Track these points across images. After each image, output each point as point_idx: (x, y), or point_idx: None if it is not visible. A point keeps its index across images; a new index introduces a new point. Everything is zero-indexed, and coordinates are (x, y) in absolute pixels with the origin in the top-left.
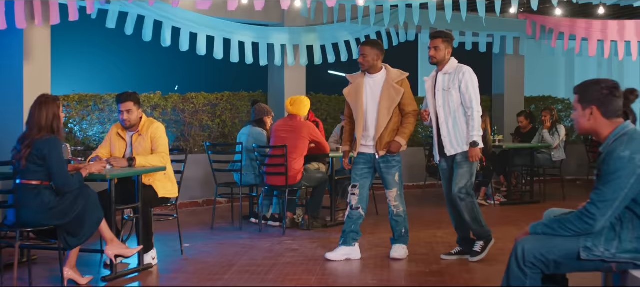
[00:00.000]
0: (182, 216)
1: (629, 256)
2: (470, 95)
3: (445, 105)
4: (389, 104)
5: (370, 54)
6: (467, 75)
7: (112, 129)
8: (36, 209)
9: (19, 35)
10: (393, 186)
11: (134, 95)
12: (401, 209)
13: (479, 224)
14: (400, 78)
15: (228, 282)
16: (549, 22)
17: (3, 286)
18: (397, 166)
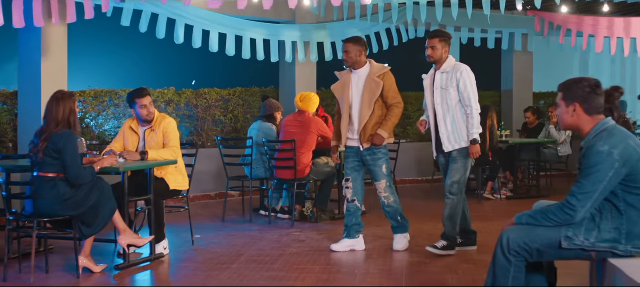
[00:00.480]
0: (194, 208)
1: (607, 245)
2: (468, 94)
3: (443, 103)
4: (370, 97)
5: (353, 50)
6: (464, 74)
7: (125, 123)
8: (52, 200)
9: (37, 33)
10: (381, 177)
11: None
12: (392, 199)
13: (453, 224)
14: (382, 72)
15: (236, 272)
16: (556, 19)
17: (21, 274)
18: (384, 157)
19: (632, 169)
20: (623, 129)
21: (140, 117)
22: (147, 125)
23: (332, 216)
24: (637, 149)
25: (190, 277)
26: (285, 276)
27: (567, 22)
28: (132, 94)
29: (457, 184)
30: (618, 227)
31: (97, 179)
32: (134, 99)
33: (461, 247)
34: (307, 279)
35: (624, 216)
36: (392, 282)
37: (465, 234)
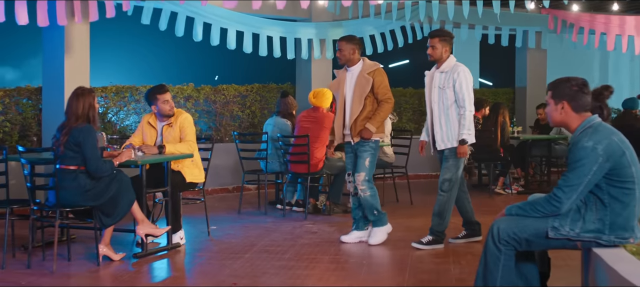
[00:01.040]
0: (212, 201)
1: (591, 235)
2: (463, 95)
3: (439, 102)
4: (360, 93)
5: (346, 48)
6: (461, 75)
7: (143, 118)
8: (74, 191)
9: (60, 32)
10: (362, 169)
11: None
12: (368, 193)
13: (440, 220)
14: (372, 69)
15: (248, 261)
16: (569, 17)
17: (44, 261)
18: (370, 151)
19: (615, 164)
20: (608, 126)
21: (162, 113)
22: (165, 121)
23: (345, 209)
24: (621, 144)
25: (204, 266)
26: (294, 265)
27: (579, 20)
28: (152, 91)
29: (448, 181)
30: (602, 218)
31: (116, 172)
32: (155, 95)
33: (466, 238)
34: (315, 268)
35: (608, 207)
36: (397, 272)
37: (469, 226)
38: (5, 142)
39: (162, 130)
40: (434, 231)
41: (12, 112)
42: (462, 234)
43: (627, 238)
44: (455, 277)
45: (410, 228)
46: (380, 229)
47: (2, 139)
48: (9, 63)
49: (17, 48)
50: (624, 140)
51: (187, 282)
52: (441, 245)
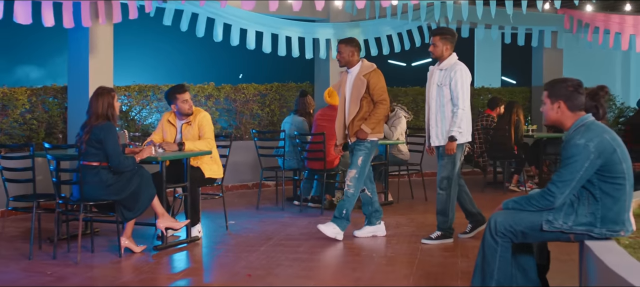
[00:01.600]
0: (231, 197)
1: (583, 228)
2: (457, 93)
3: (437, 99)
4: (356, 94)
5: (345, 50)
6: (458, 73)
7: (163, 117)
8: (96, 186)
9: (85, 33)
10: (353, 167)
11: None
12: (352, 190)
13: (445, 216)
14: (368, 70)
15: (263, 253)
16: (584, 17)
17: (69, 253)
18: (365, 151)
19: (606, 160)
20: (600, 124)
21: (182, 111)
22: (184, 119)
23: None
24: (612, 142)
25: (221, 258)
26: (308, 257)
27: (594, 20)
28: (172, 91)
29: (446, 179)
30: (593, 212)
31: (138, 168)
32: (174, 95)
33: (473, 231)
34: (328, 260)
35: (599, 202)
36: (406, 265)
37: (471, 217)
38: (32, 139)
39: (182, 128)
40: (441, 228)
41: (38, 110)
42: (469, 227)
43: (617, 231)
44: (461, 270)
45: (423, 224)
46: (334, 226)
47: (29, 136)
48: (34, 62)
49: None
50: (616, 138)
51: (204, 273)
52: (450, 239)
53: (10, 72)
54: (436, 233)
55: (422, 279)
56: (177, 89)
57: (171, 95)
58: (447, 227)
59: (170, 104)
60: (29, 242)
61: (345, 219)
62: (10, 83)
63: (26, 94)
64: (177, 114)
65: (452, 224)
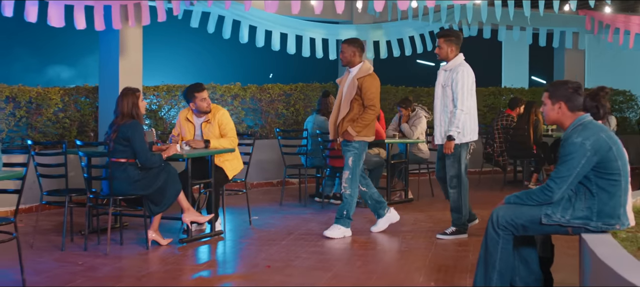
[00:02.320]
0: (256, 194)
1: (580, 221)
2: (457, 94)
3: (442, 99)
4: (348, 96)
5: (347, 50)
6: (459, 74)
7: (180, 115)
8: (124, 182)
9: (115, 35)
10: (346, 168)
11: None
12: (348, 191)
13: (458, 212)
14: (363, 74)
15: (283, 247)
16: (605, 18)
17: (99, 245)
18: (353, 151)
19: (602, 158)
20: (597, 123)
21: (200, 109)
22: (202, 116)
23: None
24: (608, 140)
25: (243, 250)
26: (326, 251)
27: (615, 21)
28: (190, 89)
29: (455, 178)
30: (590, 207)
31: (165, 164)
32: (193, 94)
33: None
34: (345, 253)
35: (596, 197)
36: (419, 258)
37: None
38: (65, 137)
39: (202, 126)
40: (455, 224)
41: (71, 110)
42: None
43: (613, 225)
44: (471, 264)
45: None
46: (339, 227)
47: (62, 134)
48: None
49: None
50: (612, 136)
51: (226, 265)
52: (465, 235)
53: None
54: (451, 229)
55: (433, 272)
56: (195, 88)
57: (189, 94)
58: (461, 223)
59: (188, 102)
60: (62, 234)
61: (346, 218)
62: (43, 82)
63: (59, 94)
64: (195, 111)
65: (466, 220)
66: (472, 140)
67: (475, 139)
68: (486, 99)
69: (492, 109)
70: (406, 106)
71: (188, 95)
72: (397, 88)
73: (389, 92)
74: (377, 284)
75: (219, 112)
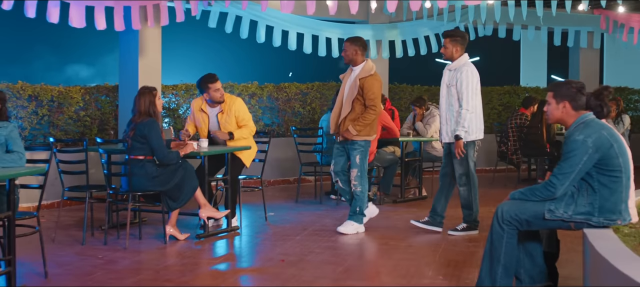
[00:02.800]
0: (273, 191)
1: (582, 217)
2: (462, 93)
3: (447, 98)
4: (350, 96)
5: (349, 49)
6: (464, 74)
7: (193, 105)
8: (142, 178)
9: (135, 35)
10: (354, 166)
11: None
12: (359, 188)
13: (469, 209)
14: (365, 74)
15: (297, 242)
16: (619, 18)
17: (119, 239)
18: (359, 149)
19: (603, 155)
20: (599, 122)
21: (214, 100)
22: (217, 107)
23: (395, 199)
24: (610, 138)
25: (258, 245)
26: (339, 245)
27: (629, 20)
28: (204, 80)
29: (464, 175)
30: (592, 202)
31: (182, 161)
32: (206, 84)
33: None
34: (358, 248)
35: (597, 193)
36: (430, 253)
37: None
38: (86, 134)
39: (217, 118)
40: (466, 220)
41: (92, 108)
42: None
43: (614, 220)
44: (480, 258)
45: (453, 217)
46: (352, 223)
47: (83, 132)
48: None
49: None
50: (614, 134)
51: (242, 259)
52: (476, 231)
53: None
54: (462, 225)
55: (442, 267)
56: (209, 78)
57: (203, 85)
58: (472, 219)
59: (201, 93)
60: (82, 229)
61: (359, 214)
62: (63, 81)
63: (80, 93)
64: (209, 101)
65: (477, 217)
66: (478, 139)
67: (481, 138)
68: (502, 97)
69: (507, 107)
70: (420, 105)
71: (201, 85)
72: (412, 87)
73: (405, 91)
74: (387, 278)
75: (234, 104)
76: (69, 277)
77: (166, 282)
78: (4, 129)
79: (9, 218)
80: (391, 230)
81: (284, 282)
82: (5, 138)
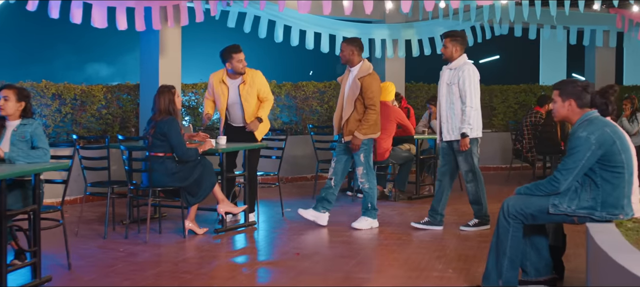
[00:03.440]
0: (290, 188)
1: (585, 211)
2: (466, 91)
3: (447, 96)
4: (351, 96)
5: (346, 49)
6: (466, 72)
7: (213, 78)
8: (162, 174)
9: (155, 35)
10: (359, 164)
11: None
12: (367, 185)
13: (478, 204)
14: (363, 74)
15: (312, 235)
16: (635, 16)
17: (139, 234)
18: (363, 148)
19: (606, 151)
20: (603, 119)
21: (236, 70)
22: (238, 78)
23: (410, 196)
24: (612, 135)
25: (275, 239)
26: (353, 240)
27: None
28: (228, 50)
29: (470, 172)
30: (595, 197)
31: (201, 158)
32: (230, 54)
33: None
34: (371, 242)
35: (600, 188)
36: (441, 247)
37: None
38: (108, 132)
39: (239, 88)
40: (477, 215)
41: (113, 106)
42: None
43: (617, 215)
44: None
45: (467, 213)
46: (366, 219)
47: (105, 129)
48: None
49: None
50: (617, 131)
51: (258, 252)
52: (487, 226)
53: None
54: (474, 220)
55: (453, 261)
56: (234, 48)
57: (227, 54)
58: (482, 214)
59: (224, 63)
60: (104, 223)
61: (372, 209)
62: (82, 80)
63: (102, 91)
64: (230, 72)
65: (487, 211)
66: (479, 136)
67: (481, 136)
68: (518, 96)
69: (523, 106)
70: (435, 103)
71: (225, 55)
72: (429, 85)
73: (421, 89)
74: (398, 270)
75: (257, 76)
76: (92, 268)
77: (185, 274)
78: (29, 126)
79: (35, 211)
80: (405, 226)
81: (299, 274)
82: (30, 135)
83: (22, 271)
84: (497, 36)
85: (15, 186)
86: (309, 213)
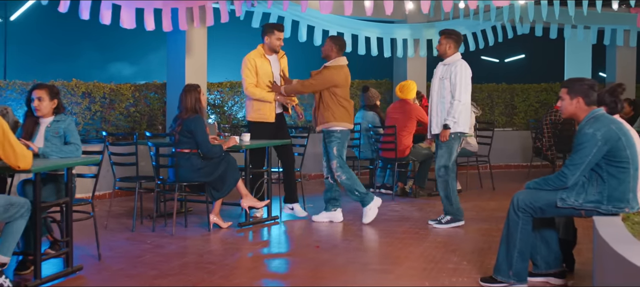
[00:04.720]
0: (314, 184)
1: (592, 205)
2: (456, 86)
3: (438, 91)
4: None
5: (327, 44)
6: (458, 68)
7: (251, 58)
8: (188, 170)
9: (182, 35)
10: (333, 158)
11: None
12: (344, 176)
13: (449, 201)
14: (328, 65)
15: (330, 229)
16: None
17: (166, 227)
18: (335, 140)
19: (612, 147)
20: (609, 116)
21: (273, 47)
22: (273, 54)
23: (429, 192)
24: (618, 131)
25: (295, 232)
26: (371, 234)
27: None
28: (272, 25)
29: (443, 167)
30: (601, 192)
31: (225, 154)
32: (273, 30)
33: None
34: (388, 236)
35: (606, 183)
36: (449, 243)
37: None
38: (136, 129)
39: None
40: (448, 212)
41: (141, 104)
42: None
43: (622, 208)
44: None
45: (485, 208)
46: (369, 207)
47: (133, 127)
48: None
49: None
50: (622, 128)
51: (280, 245)
52: (461, 222)
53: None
54: (446, 217)
55: (467, 254)
56: (278, 26)
57: (269, 29)
58: (454, 210)
59: (263, 36)
60: (132, 217)
61: (363, 195)
62: (107, 78)
63: (130, 90)
64: (267, 47)
65: (458, 206)
66: (464, 133)
67: (467, 132)
68: (539, 95)
69: (544, 104)
70: None
71: (267, 29)
72: None
73: None
74: (414, 262)
75: (284, 57)
76: (121, 259)
77: (209, 265)
78: (62, 122)
79: (67, 204)
80: (422, 221)
81: (318, 265)
82: (63, 130)
83: (56, 260)
84: (521, 36)
85: (49, 179)
86: (323, 216)
